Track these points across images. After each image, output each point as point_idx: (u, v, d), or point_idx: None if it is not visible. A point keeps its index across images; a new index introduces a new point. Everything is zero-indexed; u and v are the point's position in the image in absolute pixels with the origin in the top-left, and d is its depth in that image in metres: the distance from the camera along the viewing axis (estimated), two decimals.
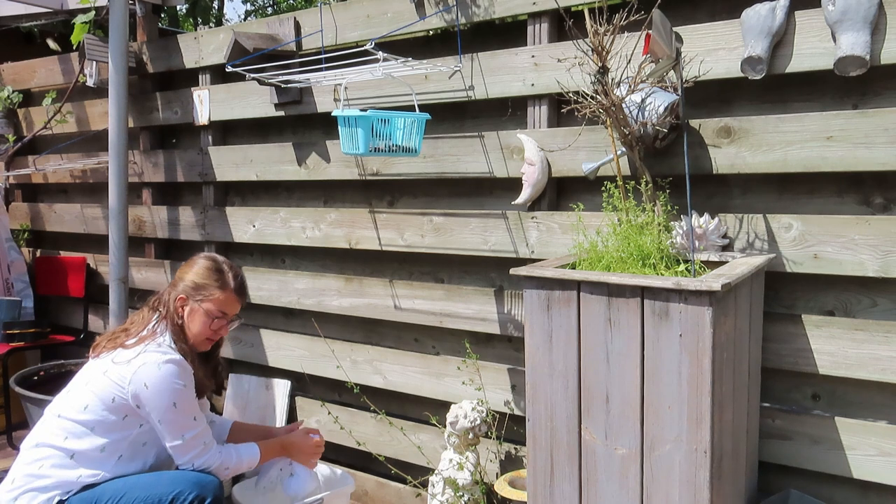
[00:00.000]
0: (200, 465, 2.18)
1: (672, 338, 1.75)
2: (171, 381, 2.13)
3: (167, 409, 2.13)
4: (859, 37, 1.92)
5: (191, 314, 2.28)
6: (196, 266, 2.33)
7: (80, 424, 2.13)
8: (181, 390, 2.15)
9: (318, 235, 3.16)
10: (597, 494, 1.92)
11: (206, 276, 2.30)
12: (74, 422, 2.13)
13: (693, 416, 1.74)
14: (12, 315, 3.98)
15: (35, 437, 2.17)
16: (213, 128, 3.51)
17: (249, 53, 2.93)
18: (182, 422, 2.16)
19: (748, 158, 2.17)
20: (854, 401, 2.15)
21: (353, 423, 3.13)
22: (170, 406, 2.13)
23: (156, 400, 2.12)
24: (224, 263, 2.36)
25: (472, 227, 2.73)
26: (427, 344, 2.97)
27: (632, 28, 2.03)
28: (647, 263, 1.98)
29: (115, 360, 2.17)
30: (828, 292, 2.16)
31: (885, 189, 2.07)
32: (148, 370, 2.12)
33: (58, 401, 2.22)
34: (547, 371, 1.97)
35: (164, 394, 2.12)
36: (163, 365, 2.13)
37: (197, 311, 2.28)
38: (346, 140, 2.42)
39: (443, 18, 2.72)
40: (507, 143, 2.62)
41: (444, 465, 2.62)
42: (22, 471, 2.10)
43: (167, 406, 2.13)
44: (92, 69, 3.72)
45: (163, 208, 3.74)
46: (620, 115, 2.07)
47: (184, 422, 2.16)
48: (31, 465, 2.10)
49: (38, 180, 4.45)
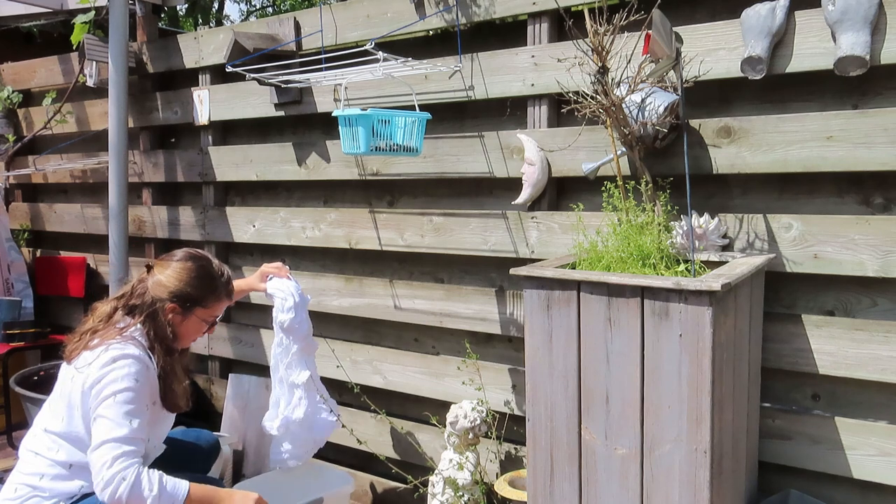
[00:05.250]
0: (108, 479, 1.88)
1: (672, 338, 1.75)
2: (125, 371, 1.98)
3: (105, 399, 1.94)
4: (859, 37, 1.92)
5: (184, 323, 2.16)
6: (185, 272, 2.16)
7: (65, 436, 2.06)
8: (131, 385, 1.98)
9: (318, 235, 3.16)
10: (597, 494, 1.92)
11: (199, 284, 2.16)
12: (59, 434, 2.06)
13: (693, 416, 1.74)
14: (12, 315, 3.98)
15: (31, 445, 2.11)
16: (213, 128, 3.51)
17: (249, 53, 2.93)
18: (115, 417, 1.93)
19: (748, 158, 2.17)
20: (854, 401, 2.15)
21: (353, 423, 3.13)
22: (110, 395, 1.94)
23: (102, 391, 1.96)
24: (213, 266, 2.23)
25: (472, 227, 2.73)
26: (427, 344, 2.97)
27: (632, 28, 2.03)
28: (647, 263, 1.98)
29: (78, 367, 2.05)
30: (828, 292, 2.16)
31: (885, 189, 2.07)
32: (103, 364, 1.99)
33: (43, 412, 2.15)
34: (547, 371, 1.97)
35: (111, 384, 1.96)
36: (120, 359, 1.99)
37: (191, 318, 2.17)
38: (346, 140, 2.42)
39: (443, 18, 2.72)
40: (507, 143, 2.62)
41: (444, 464, 2.62)
42: (22, 480, 2.06)
43: (108, 395, 1.95)
44: (92, 69, 3.72)
45: (163, 208, 3.74)
46: (620, 115, 2.07)
47: (117, 418, 1.93)
48: (31, 476, 2.06)
49: (38, 180, 4.46)
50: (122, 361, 1.99)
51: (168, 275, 2.16)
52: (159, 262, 2.22)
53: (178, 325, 2.16)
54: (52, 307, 4.36)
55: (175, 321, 2.15)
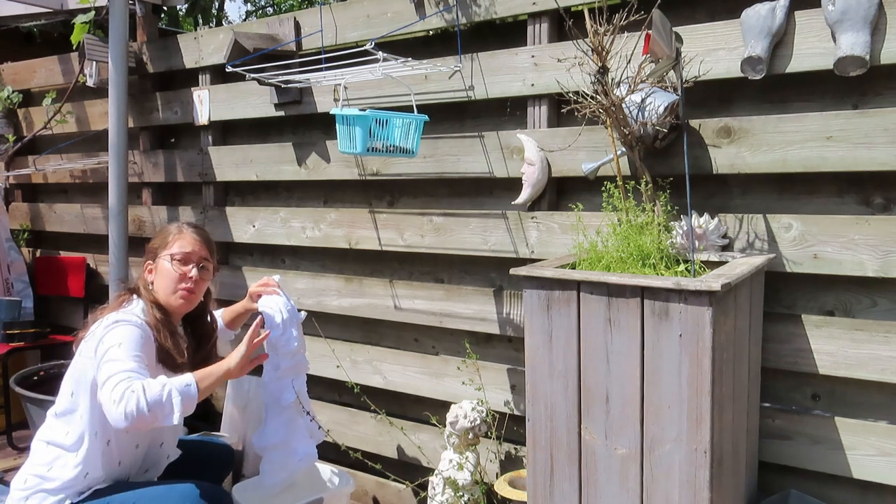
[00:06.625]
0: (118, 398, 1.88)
1: (672, 338, 1.75)
2: (126, 329, 2.05)
3: (109, 348, 1.99)
4: (859, 37, 1.92)
5: (157, 271, 2.27)
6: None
7: (72, 413, 2.11)
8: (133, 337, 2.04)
9: (317, 235, 3.16)
10: (597, 494, 1.92)
11: (161, 233, 2.34)
12: (66, 413, 2.12)
13: (693, 416, 1.74)
14: (12, 315, 3.97)
15: (41, 435, 2.17)
16: (213, 128, 3.51)
17: (249, 53, 2.93)
18: (119, 357, 1.97)
19: (748, 158, 2.17)
20: (854, 401, 2.15)
21: (353, 423, 3.13)
22: (114, 345, 1.99)
23: (106, 345, 2.01)
24: (169, 224, 2.42)
25: (471, 227, 2.73)
26: (427, 344, 2.97)
27: (632, 28, 2.03)
28: (647, 263, 1.98)
29: (85, 339, 2.15)
30: (828, 292, 2.16)
31: (885, 189, 2.07)
32: (105, 326, 2.07)
33: (56, 402, 2.20)
34: (547, 371, 1.97)
35: (114, 338, 2.02)
36: (121, 321, 2.08)
37: (160, 265, 2.27)
38: (343, 139, 2.42)
39: (443, 18, 2.72)
40: (507, 143, 2.62)
41: (444, 465, 2.62)
42: (32, 471, 2.11)
43: (111, 346, 2.00)
44: (92, 69, 3.72)
45: (163, 208, 3.74)
46: (620, 115, 2.07)
47: (122, 358, 1.97)
48: (39, 466, 2.10)
49: (38, 180, 4.45)
50: (123, 323, 2.09)
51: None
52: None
53: (157, 277, 2.28)
54: (52, 307, 4.36)
55: (154, 275, 2.29)
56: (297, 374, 2.57)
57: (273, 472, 2.54)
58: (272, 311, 2.48)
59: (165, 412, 1.90)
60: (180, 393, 1.93)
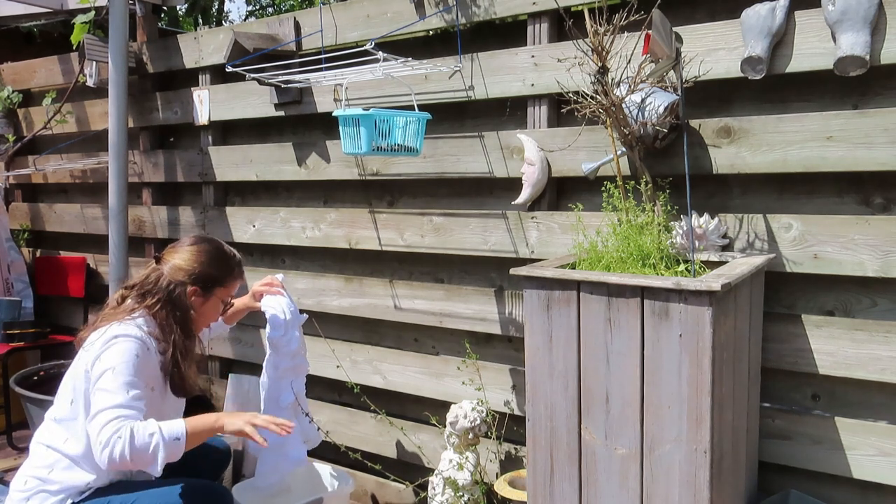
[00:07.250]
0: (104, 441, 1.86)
1: (672, 338, 1.75)
2: (124, 347, 2.00)
3: (104, 372, 1.95)
4: (859, 37, 1.92)
5: (205, 304, 2.23)
6: (202, 254, 2.22)
7: (71, 422, 2.09)
8: (130, 360, 1.99)
9: (317, 235, 3.16)
10: (597, 494, 1.92)
11: (216, 265, 2.23)
12: (66, 420, 2.10)
13: (693, 416, 1.74)
14: (12, 315, 3.98)
15: (40, 437, 2.15)
16: (213, 128, 3.51)
17: (249, 53, 2.93)
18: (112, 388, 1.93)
19: (748, 158, 2.17)
20: (854, 401, 2.15)
21: (353, 423, 3.13)
22: (108, 369, 1.95)
23: (101, 365, 1.97)
24: (224, 247, 2.31)
25: (472, 227, 2.73)
26: (427, 344, 2.97)
27: (632, 28, 2.03)
28: (647, 263, 1.98)
29: (84, 347, 2.10)
30: (828, 292, 2.16)
31: (885, 189, 2.07)
32: (104, 342, 2.03)
33: (54, 404, 2.18)
34: (547, 371, 1.97)
35: (109, 359, 1.98)
36: (120, 336, 2.03)
37: (211, 299, 2.23)
38: (347, 140, 2.41)
39: (443, 18, 2.72)
40: (507, 143, 2.62)
41: (444, 465, 2.62)
42: (32, 472, 2.09)
43: (106, 369, 1.96)
44: (92, 69, 3.72)
45: (163, 208, 3.74)
46: (620, 115, 2.07)
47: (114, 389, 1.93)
48: (39, 468, 2.09)
49: (38, 180, 4.45)
50: (122, 338, 2.03)
51: (185, 258, 2.20)
52: (169, 250, 2.26)
53: (199, 306, 2.22)
54: (52, 307, 4.36)
55: (196, 303, 2.21)
56: (296, 376, 2.57)
57: (266, 473, 2.54)
58: (275, 310, 2.48)
59: (147, 462, 1.90)
60: (165, 448, 1.90)
